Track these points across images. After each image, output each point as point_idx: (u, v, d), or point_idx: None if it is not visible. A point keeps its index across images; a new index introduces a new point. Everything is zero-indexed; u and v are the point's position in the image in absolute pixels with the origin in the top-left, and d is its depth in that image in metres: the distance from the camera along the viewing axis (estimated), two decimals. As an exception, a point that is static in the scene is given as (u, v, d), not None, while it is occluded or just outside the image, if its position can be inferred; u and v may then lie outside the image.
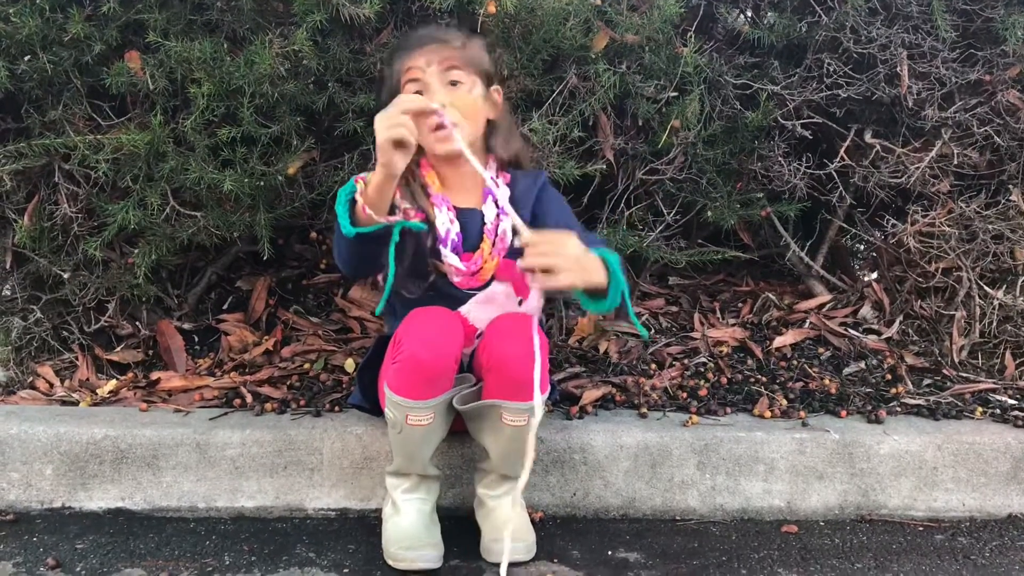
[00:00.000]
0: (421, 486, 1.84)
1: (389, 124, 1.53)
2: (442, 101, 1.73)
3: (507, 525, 1.80)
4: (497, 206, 1.86)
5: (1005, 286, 2.51)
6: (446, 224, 1.81)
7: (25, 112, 2.25)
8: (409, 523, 1.80)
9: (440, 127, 1.73)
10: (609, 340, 2.50)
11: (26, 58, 2.13)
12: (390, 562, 1.76)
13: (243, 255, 2.62)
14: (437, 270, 1.83)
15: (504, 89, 1.94)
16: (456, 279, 1.85)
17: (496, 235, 1.86)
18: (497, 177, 1.88)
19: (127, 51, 2.13)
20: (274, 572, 1.75)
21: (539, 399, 1.52)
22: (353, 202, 1.63)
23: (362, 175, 1.64)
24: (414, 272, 1.81)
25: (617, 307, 1.64)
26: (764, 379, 2.34)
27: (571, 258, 1.51)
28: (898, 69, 2.38)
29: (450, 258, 1.82)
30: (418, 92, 1.76)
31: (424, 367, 1.68)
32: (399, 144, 1.54)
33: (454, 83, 1.79)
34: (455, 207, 1.84)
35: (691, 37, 2.35)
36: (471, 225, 1.85)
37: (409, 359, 1.68)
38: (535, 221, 1.87)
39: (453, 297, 1.85)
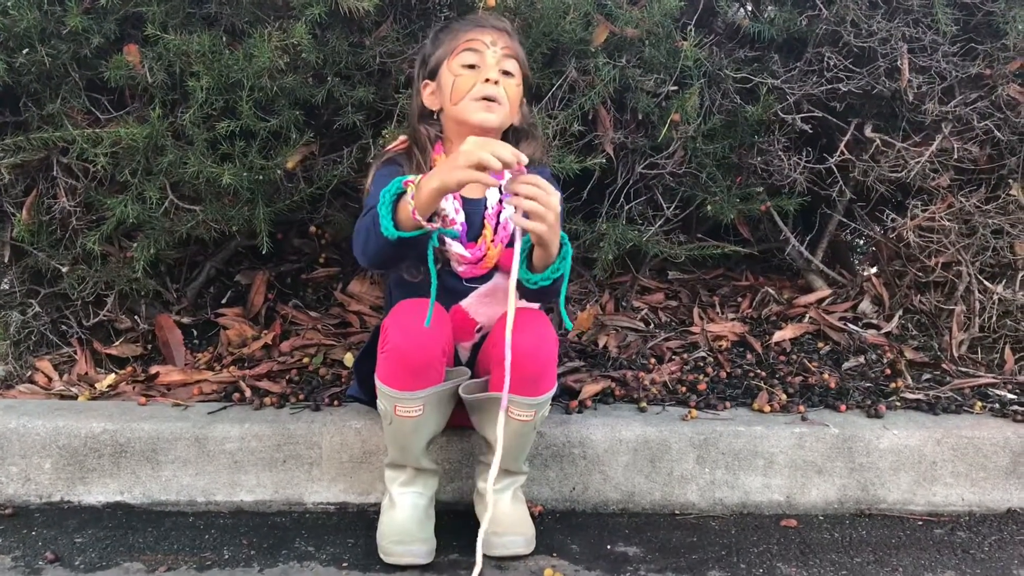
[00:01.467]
0: (417, 480, 1.84)
1: (486, 148, 1.50)
2: (495, 78, 1.78)
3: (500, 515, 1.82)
4: (501, 192, 1.86)
5: (1005, 280, 2.51)
6: (451, 214, 1.81)
7: (23, 105, 2.24)
8: (403, 517, 1.81)
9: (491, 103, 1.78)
10: (608, 334, 2.50)
11: (24, 51, 2.12)
12: (382, 556, 1.76)
13: (242, 249, 2.61)
14: (442, 256, 1.83)
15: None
16: (460, 268, 1.85)
17: (497, 221, 1.86)
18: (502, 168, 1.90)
19: (126, 44, 2.13)
20: (273, 566, 1.74)
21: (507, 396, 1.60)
22: (394, 204, 1.60)
23: (410, 178, 1.59)
24: (419, 257, 1.81)
25: (546, 288, 1.67)
26: (763, 373, 2.34)
27: (554, 212, 1.56)
28: (898, 63, 2.38)
29: (454, 246, 1.83)
30: (471, 66, 1.79)
31: (407, 358, 1.68)
32: (483, 168, 1.51)
33: (506, 73, 1.82)
34: (462, 196, 1.84)
35: (691, 31, 2.35)
36: (476, 216, 1.85)
37: (393, 350, 1.69)
38: None
39: (455, 291, 1.85)
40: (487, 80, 1.78)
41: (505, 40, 1.82)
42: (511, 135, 1.89)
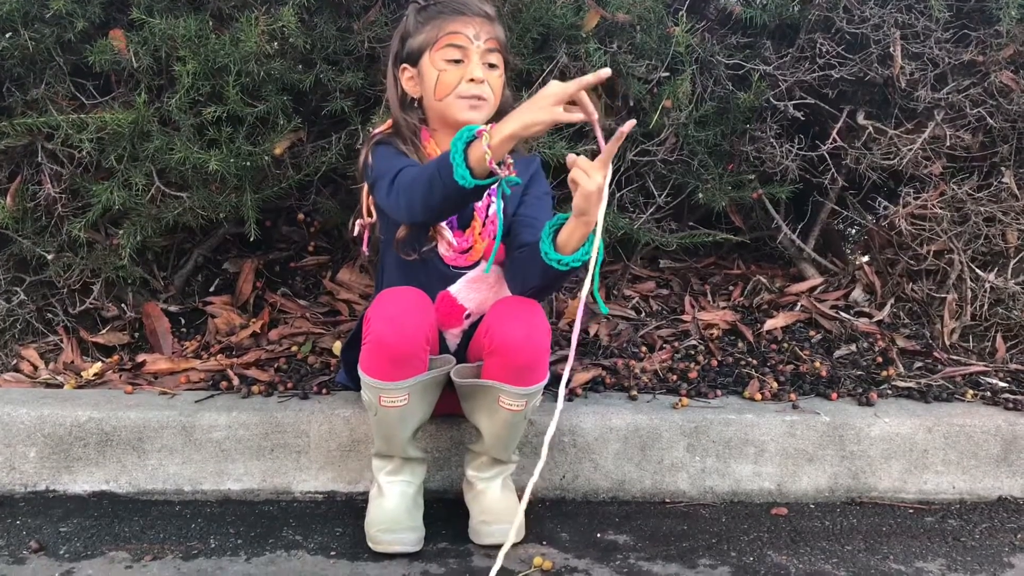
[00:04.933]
0: (405, 468, 1.83)
1: (576, 82, 1.45)
2: (481, 74, 1.75)
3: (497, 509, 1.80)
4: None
5: (996, 269, 2.50)
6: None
7: (6, 91, 2.23)
8: (391, 506, 1.79)
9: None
10: (599, 323, 2.48)
11: (7, 35, 2.10)
12: (371, 545, 1.75)
13: (230, 237, 2.59)
14: (435, 236, 1.82)
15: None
16: (447, 253, 1.84)
17: (486, 215, 1.84)
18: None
19: (111, 28, 2.11)
20: (260, 555, 1.73)
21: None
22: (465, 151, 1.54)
23: (483, 127, 1.53)
24: (414, 234, 1.80)
25: (575, 268, 1.63)
26: (755, 362, 2.33)
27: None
28: (891, 49, 2.37)
29: (445, 231, 1.82)
30: (457, 60, 1.76)
31: (390, 348, 1.67)
32: (565, 104, 1.47)
33: (491, 65, 1.78)
34: None
35: (683, 16, 2.34)
36: (467, 207, 1.83)
37: (375, 340, 1.67)
38: (520, 204, 1.87)
39: (444, 275, 1.84)
40: (472, 80, 1.76)
41: (488, 29, 1.78)
42: (494, 118, 1.87)
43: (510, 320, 1.70)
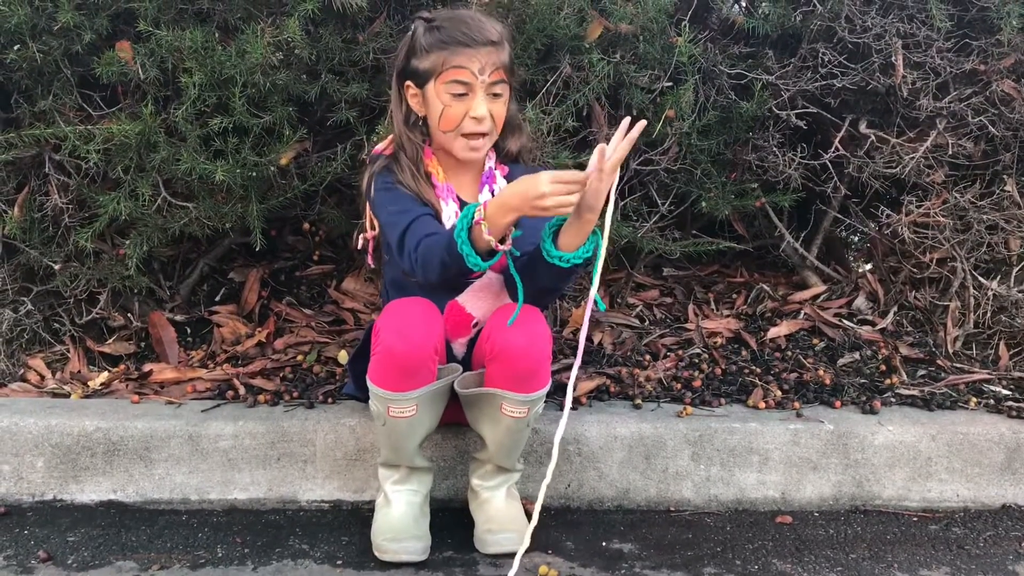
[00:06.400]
0: (411, 478, 1.84)
1: (562, 191, 1.53)
2: (484, 112, 1.75)
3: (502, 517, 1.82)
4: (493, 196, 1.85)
5: (999, 276, 2.51)
6: (452, 218, 1.79)
7: (15, 102, 2.24)
8: (398, 515, 1.80)
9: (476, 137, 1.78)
10: (603, 331, 2.49)
11: (15, 47, 2.12)
12: (377, 553, 1.76)
13: (235, 246, 2.60)
14: None
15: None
16: None
17: None
18: (496, 169, 1.89)
19: (118, 40, 2.12)
20: (267, 564, 1.74)
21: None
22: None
23: (478, 216, 1.58)
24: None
25: (577, 267, 1.66)
26: (758, 370, 2.34)
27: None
28: (893, 59, 2.38)
29: None
30: (461, 94, 1.75)
31: (400, 358, 1.68)
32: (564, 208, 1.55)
33: (496, 95, 1.78)
34: (459, 199, 1.83)
35: (685, 26, 2.35)
36: None
37: (385, 351, 1.69)
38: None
39: (451, 286, 1.84)
40: (475, 117, 1.76)
41: (494, 60, 1.75)
42: (501, 135, 1.87)
43: (511, 327, 1.71)
